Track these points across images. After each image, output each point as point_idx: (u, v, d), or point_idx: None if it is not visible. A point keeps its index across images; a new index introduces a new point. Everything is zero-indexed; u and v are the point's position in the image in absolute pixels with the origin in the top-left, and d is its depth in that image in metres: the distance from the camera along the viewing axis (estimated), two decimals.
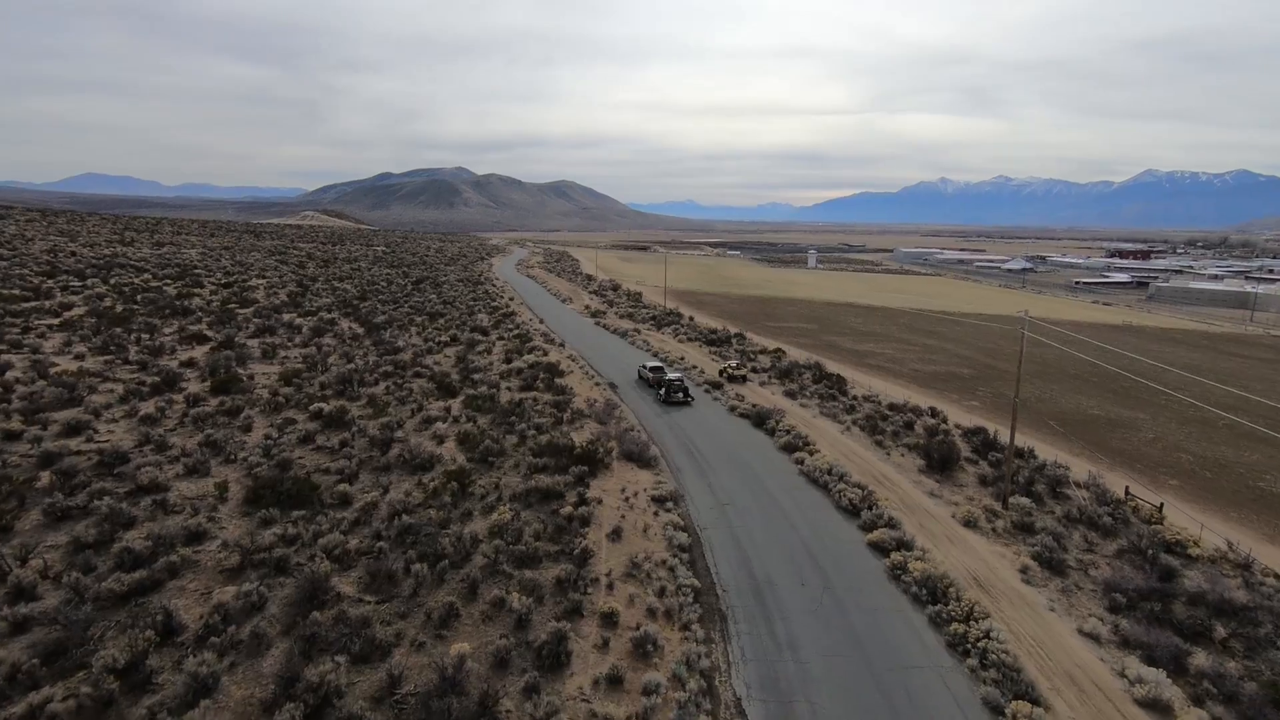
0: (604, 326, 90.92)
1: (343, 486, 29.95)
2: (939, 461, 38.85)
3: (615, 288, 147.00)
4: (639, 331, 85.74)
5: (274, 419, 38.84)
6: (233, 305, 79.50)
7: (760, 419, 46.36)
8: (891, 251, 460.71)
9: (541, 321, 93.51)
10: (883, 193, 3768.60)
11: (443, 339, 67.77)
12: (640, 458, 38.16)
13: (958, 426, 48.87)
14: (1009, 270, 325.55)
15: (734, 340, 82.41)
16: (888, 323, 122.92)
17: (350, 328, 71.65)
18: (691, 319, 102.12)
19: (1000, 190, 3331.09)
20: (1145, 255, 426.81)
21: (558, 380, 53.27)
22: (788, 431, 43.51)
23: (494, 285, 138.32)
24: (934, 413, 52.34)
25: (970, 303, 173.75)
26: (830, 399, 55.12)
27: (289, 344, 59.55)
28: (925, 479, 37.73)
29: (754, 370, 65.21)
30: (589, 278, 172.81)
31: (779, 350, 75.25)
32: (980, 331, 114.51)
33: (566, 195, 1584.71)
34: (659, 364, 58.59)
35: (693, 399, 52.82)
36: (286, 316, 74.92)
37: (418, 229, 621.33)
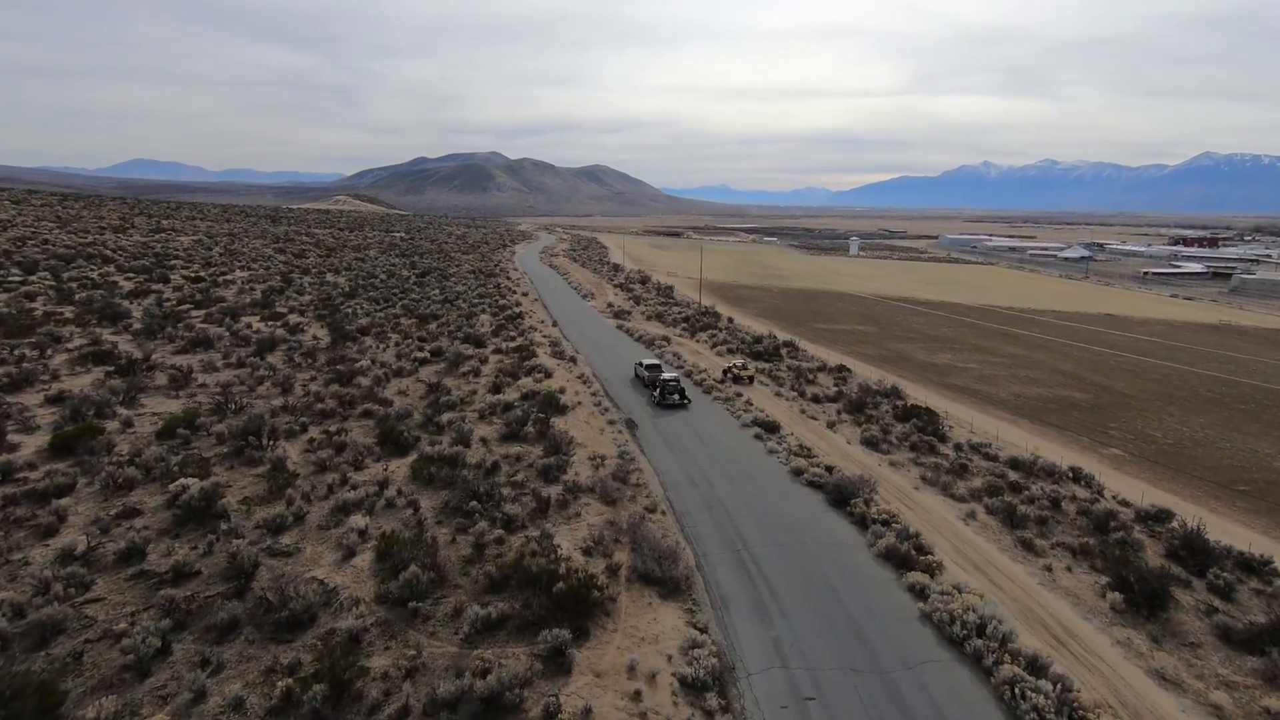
0: (627, 331, 76.73)
1: (107, 703, 16.34)
2: (1144, 595, 24.13)
3: (644, 280, 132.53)
4: (669, 340, 71.30)
5: (108, 508, 25.61)
6: (187, 306, 67.19)
7: (841, 494, 31.86)
8: (936, 238, 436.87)
9: (555, 324, 79.76)
10: (922, 177, 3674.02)
11: (423, 353, 54.33)
12: (664, 578, 24.15)
13: (1124, 503, 33.94)
14: (1066, 259, 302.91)
15: (784, 351, 67.70)
16: (955, 323, 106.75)
17: (315, 337, 58.71)
18: (730, 320, 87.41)
19: (1046, 174, 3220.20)
20: (1213, 243, 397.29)
21: (556, 421, 39.37)
22: (885, 523, 29.03)
23: (509, 278, 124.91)
24: (1077, 475, 37.35)
25: (1036, 297, 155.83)
26: (926, 449, 40.41)
27: (219, 365, 46.61)
28: (1130, 629, 23.02)
29: (814, 399, 50.66)
30: (616, 268, 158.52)
31: (842, 368, 60.37)
32: (1067, 335, 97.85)
33: (599, 180, 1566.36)
34: (655, 361, 54.92)
35: (689, 401, 47.93)
36: (244, 320, 62.32)
37: (450, 214, 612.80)
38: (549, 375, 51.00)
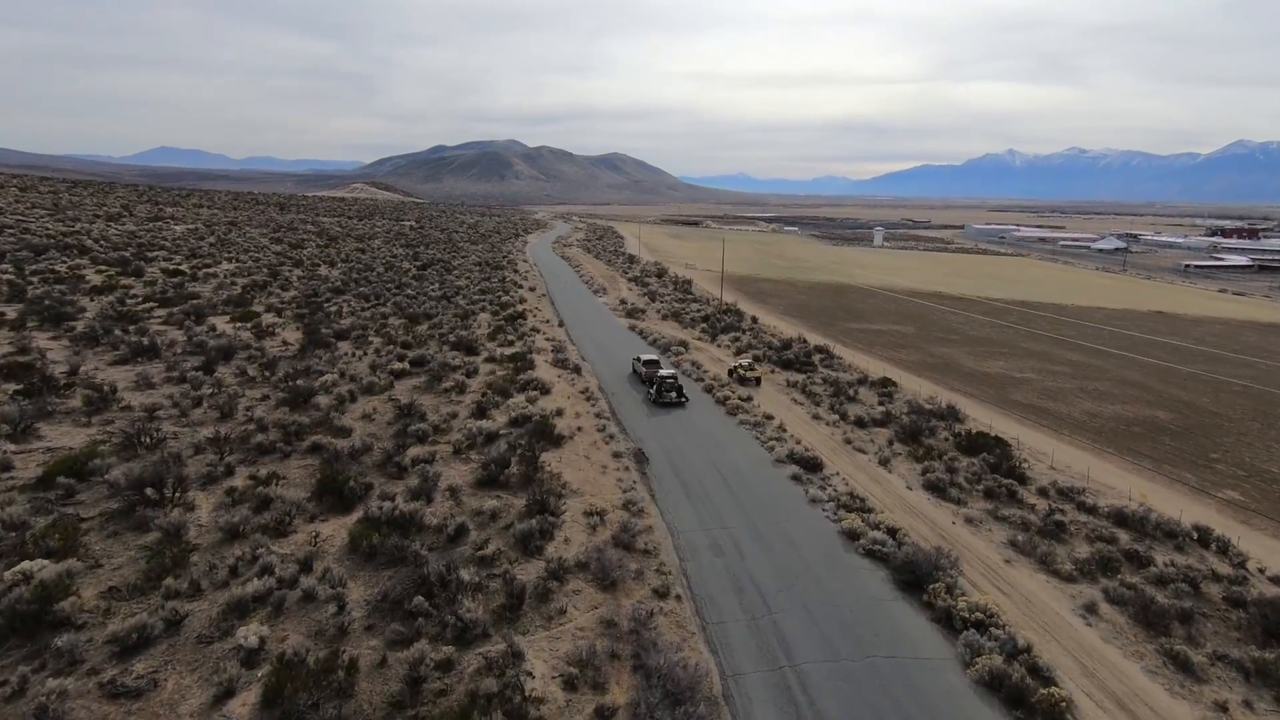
0: (640, 333, 69.10)
1: None
2: None
3: (660, 273, 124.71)
4: (686, 345, 63.47)
5: None
6: (152, 304, 60.53)
7: (914, 574, 24.13)
8: (962, 228, 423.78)
9: (561, 324, 72.34)
10: (945, 165, 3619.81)
11: (402, 364, 47.14)
12: None
13: (1274, 580, 26.06)
14: (1101, 250, 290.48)
15: (816, 358, 59.85)
16: (998, 323, 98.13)
17: (285, 342, 51.77)
18: (754, 320, 79.59)
19: (1073, 163, 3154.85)
20: (1253, 234, 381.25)
21: (548, 458, 32.02)
22: (979, 624, 21.35)
23: (517, 270, 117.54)
24: (1204, 537, 29.41)
25: (1077, 292, 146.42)
26: (1006, 496, 32.61)
27: (156, 380, 39.64)
28: None
29: (858, 423, 42.80)
30: (631, 260, 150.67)
31: (887, 381, 52.37)
32: (1122, 338, 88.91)
33: (617, 168, 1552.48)
34: (654, 357, 52.61)
35: (687, 399, 45.55)
36: (211, 322, 55.53)
37: (468, 201, 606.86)
38: (546, 391, 43.60)
